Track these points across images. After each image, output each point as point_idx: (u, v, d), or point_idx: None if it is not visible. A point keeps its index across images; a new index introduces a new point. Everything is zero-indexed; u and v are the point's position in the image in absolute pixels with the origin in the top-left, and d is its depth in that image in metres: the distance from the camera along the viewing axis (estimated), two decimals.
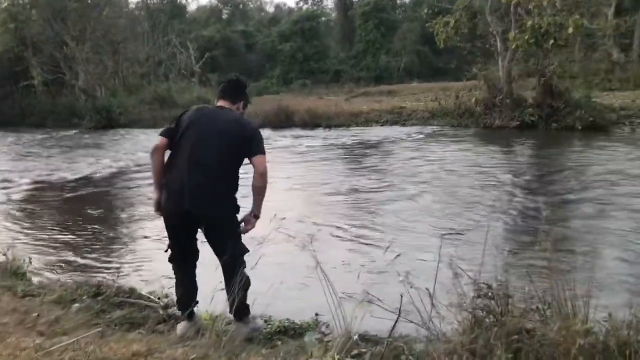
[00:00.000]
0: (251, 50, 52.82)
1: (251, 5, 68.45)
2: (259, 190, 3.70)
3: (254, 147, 3.63)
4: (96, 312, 4.36)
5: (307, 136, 18.07)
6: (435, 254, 3.37)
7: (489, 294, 3.64)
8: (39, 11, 26.89)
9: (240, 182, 3.75)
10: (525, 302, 3.49)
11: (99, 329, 3.10)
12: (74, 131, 22.61)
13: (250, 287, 3.81)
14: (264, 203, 3.77)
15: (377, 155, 13.22)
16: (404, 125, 19.42)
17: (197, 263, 3.96)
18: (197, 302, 3.91)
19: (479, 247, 3.69)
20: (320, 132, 19.04)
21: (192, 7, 60.19)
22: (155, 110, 25.21)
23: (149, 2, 49.72)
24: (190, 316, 3.91)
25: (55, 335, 2.88)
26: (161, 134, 3.71)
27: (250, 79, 46.19)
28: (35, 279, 5.54)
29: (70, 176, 12.13)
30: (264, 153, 3.67)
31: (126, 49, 31.68)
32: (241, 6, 65.18)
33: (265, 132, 18.54)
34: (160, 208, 3.71)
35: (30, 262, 5.71)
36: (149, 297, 4.87)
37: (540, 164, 11.40)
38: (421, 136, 16.28)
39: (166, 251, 3.86)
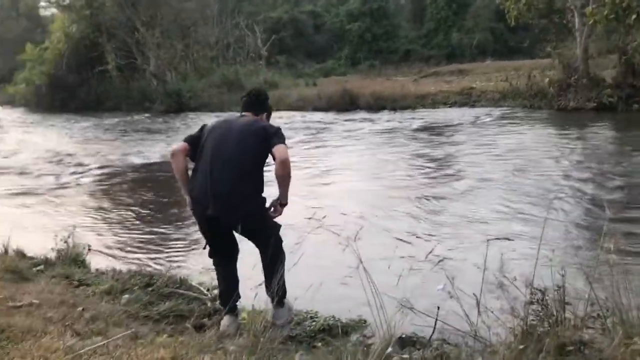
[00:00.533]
0: (319, 30, 52.48)
1: None
2: (281, 179, 3.67)
3: (274, 139, 3.62)
4: (144, 304, 4.40)
5: (370, 120, 17.79)
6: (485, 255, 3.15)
7: (544, 299, 3.39)
8: None
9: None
10: (585, 309, 3.23)
11: (132, 330, 3.08)
12: (145, 115, 23.31)
13: (288, 288, 3.92)
14: (313, 189, 3.72)
15: (439, 141, 12.72)
16: (473, 106, 18.78)
17: (239, 256, 3.97)
18: (238, 297, 3.94)
19: (535, 247, 3.43)
20: (384, 115, 18.71)
21: None
22: (223, 94, 25.57)
23: None
24: (233, 311, 3.91)
25: (90, 335, 2.88)
26: (184, 140, 3.79)
27: (318, 60, 46.14)
28: (93, 266, 5.66)
29: (137, 161, 12.49)
30: (284, 143, 3.65)
31: (196, 33, 32.22)
32: None
33: (328, 116, 18.73)
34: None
35: (90, 250, 5.84)
36: (198, 289, 4.87)
37: (621, 151, 10.60)
38: (489, 119, 15.64)
39: (204, 248, 3.87)
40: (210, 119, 18.39)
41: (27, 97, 29.63)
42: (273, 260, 3.73)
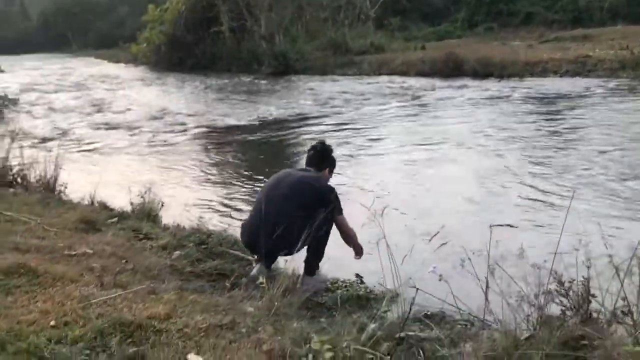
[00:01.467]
0: None
1: None
2: (349, 244, 4.40)
3: (334, 209, 4.12)
4: (192, 261, 4.68)
5: (472, 87, 17.13)
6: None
7: (564, 288, 3.25)
8: None
9: None
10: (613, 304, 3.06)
11: (152, 284, 3.33)
12: (252, 77, 23.99)
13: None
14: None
15: (536, 116, 11.89)
16: (586, 76, 17.48)
17: None
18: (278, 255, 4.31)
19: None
20: (489, 82, 17.92)
21: None
22: (328, 57, 25.64)
23: None
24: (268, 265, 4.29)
25: (112, 287, 3.16)
26: None
27: (434, 22, 44.68)
28: (164, 222, 6.03)
29: (232, 122, 13.01)
30: (341, 213, 4.22)
31: None
32: None
33: (429, 82, 18.28)
34: None
35: (162, 205, 6.22)
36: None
37: None
38: (600, 91, 14.50)
39: None
40: (310, 83, 18.77)
41: (148, 56, 31.46)
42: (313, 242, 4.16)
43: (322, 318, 3.75)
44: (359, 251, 4.44)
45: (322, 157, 4.42)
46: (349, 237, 4.36)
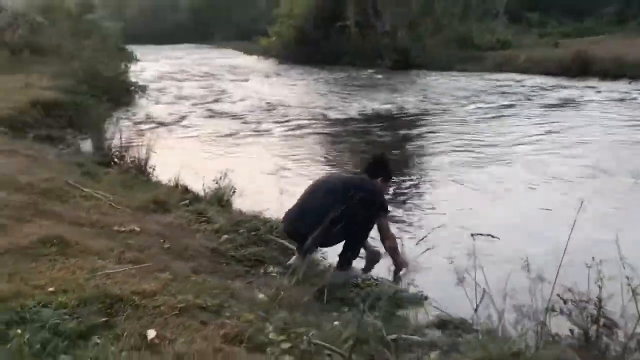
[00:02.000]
0: None
1: None
2: (390, 253, 4.56)
3: (372, 209, 4.37)
4: (236, 246, 4.91)
5: (596, 88, 15.96)
6: None
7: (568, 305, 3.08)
8: None
9: None
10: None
11: (149, 264, 3.52)
12: (371, 71, 24.08)
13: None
14: None
15: None
16: None
17: None
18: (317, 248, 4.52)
19: None
20: (618, 84, 16.55)
21: None
22: (450, 52, 25.03)
23: None
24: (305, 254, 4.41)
25: (125, 262, 3.45)
26: None
27: (576, 18, 41.78)
28: (235, 207, 6.33)
29: (333, 115, 13.28)
30: (385, 216, 4.54)
31: None
32: None
33: (551, 81, 17.25)
34: None
35: (234, 192, 6.52)
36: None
37: None
38: None
39: None
40: (428, 77, 18.52)
41: (277, 49, 32.62)
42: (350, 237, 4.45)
43: (334, 312, 3.81)
44: (400, 264, 4.55)
45: (378, 167, 4.73)
46: (390, 243, 4.50)
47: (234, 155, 9.33)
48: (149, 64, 28.28)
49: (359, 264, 4.78)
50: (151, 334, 2.48)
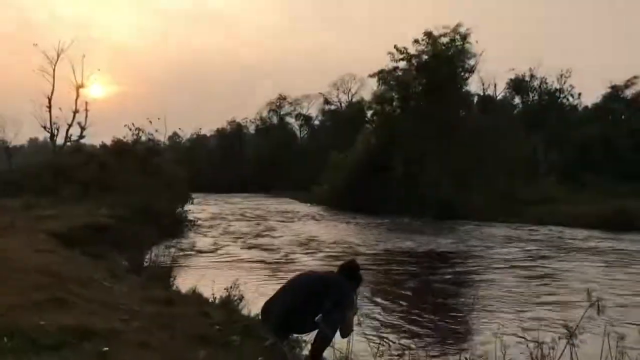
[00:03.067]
0: (637, 149, 48.06)
1: None
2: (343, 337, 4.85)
3: (346, 306, 4.79)
4: (223, 335, 5.47)
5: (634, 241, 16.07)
6: None
7: None
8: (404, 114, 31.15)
9: None
10: None
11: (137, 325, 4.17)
12: (412, 219, 24.83)
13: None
14: None
15: None
16: None
17: None
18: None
19: None
20: None
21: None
22: (493, 205, 25.63)
23: (528, 100, 50.48)
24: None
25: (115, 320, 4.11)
26: None
27: (631, 181, 41.82)
28: (244, 312, 6.90)
29: (362, 250, 13.92)
30: (355, 313, 4.94)
31: (495, 147, 33.05)
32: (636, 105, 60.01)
33: (585, 233, 17.42)
34: None
35: (242, 300, 7.15)
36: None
37: None
38: None
39: None
40: (467, 226, 19.01)
41: (327, 196, 34.25)
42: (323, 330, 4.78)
43: None
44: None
45: (350, 272, 5.22)
46: (346, 335, 4.88)
47: (257, 274, 10.03)
48: (209, 207, 30.22)
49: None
50: None
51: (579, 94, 50.92)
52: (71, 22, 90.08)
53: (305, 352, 5.11)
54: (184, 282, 8.31)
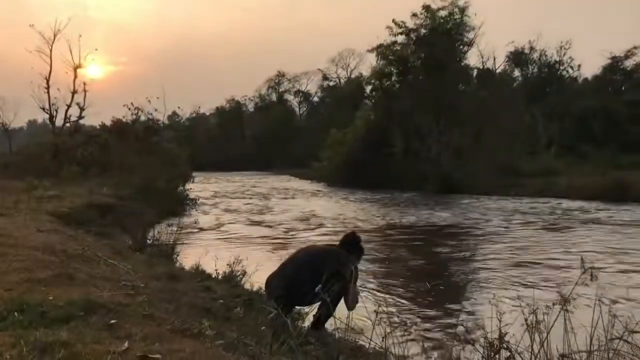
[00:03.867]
0: (637, 121, 47.97)
1: None
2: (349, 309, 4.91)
3: (347, 278, 4.86)
4: (227, 309, 5.60)
5: (630, 211, 16.18)
6: None
7: None
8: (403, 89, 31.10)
9: None
10: None
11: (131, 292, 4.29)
12: (414, 193, 24.97)
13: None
14: None
15: None
16: None
17: None
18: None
19: None
20: None
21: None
22: (495, 178, 25.72)
23: (528, 73, 50.26)
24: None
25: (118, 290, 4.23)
26: None
27: (630, 153, 41.92)
28: (247, 286, 7.03)
29: (362, 225, 14.07)
30: (355, 283, 5.01)
31: (495, 120, 32.99)
32: (636, 76, 59.68)
33: (587, 205, 17.53)
34: None
35: (244, 275, 7.27)
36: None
37: None
38: None
39: None
40: (466, 199, 19.17)
41: (327, 173, 34.38)
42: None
43: None
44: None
45: (351, 243, 5.39)
46: (352, 305, 5.00)
47: (259, 250, 10.17)
48: (210, 185, 30.33)
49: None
50: None
51: (579, 66, 50.62)
52: (68, 1, 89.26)
53: (308, 323, 5.24)
54: (187, 259, 8.46)
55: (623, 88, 52.25)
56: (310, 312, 5.25)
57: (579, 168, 29.56)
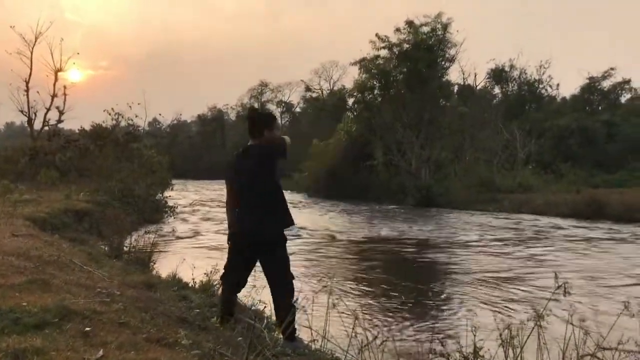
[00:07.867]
0: (612, 140, 48.93)
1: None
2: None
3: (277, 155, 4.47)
4: (202, 318, 5.57)
5: (603, 229, 16.47)
6: None
7: None
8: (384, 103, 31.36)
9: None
10: None
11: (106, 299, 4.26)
12: (393, 206, 25.12)
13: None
14: None
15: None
16: None
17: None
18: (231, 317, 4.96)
19: None
20: (628, 227, 16.98)
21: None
22: (471, 193, 26.00)
23: (507, 90, 50.99)
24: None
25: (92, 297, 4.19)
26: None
27: (610, 170, 42.60)
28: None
29: (340, 236, 14.09)
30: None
31: (474, 136, 33.48)
32: (612, 97, 60.88)
33: (560, 222, 17.80)
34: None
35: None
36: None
37: None
38: None
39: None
40: (444, 214, 19.34)
41: (308, 184, 34.44)
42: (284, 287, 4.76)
43: None
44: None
45: (256, 124, 4.55)
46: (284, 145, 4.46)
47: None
48: (189, 194, 30.14)
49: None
50: None
51: (557, 85, 51.52)
52: (48, 3, 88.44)
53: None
54: (164, 267, 8.38)
55: (600, 108, 53.35)
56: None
57: (556, 185, 30.03)
